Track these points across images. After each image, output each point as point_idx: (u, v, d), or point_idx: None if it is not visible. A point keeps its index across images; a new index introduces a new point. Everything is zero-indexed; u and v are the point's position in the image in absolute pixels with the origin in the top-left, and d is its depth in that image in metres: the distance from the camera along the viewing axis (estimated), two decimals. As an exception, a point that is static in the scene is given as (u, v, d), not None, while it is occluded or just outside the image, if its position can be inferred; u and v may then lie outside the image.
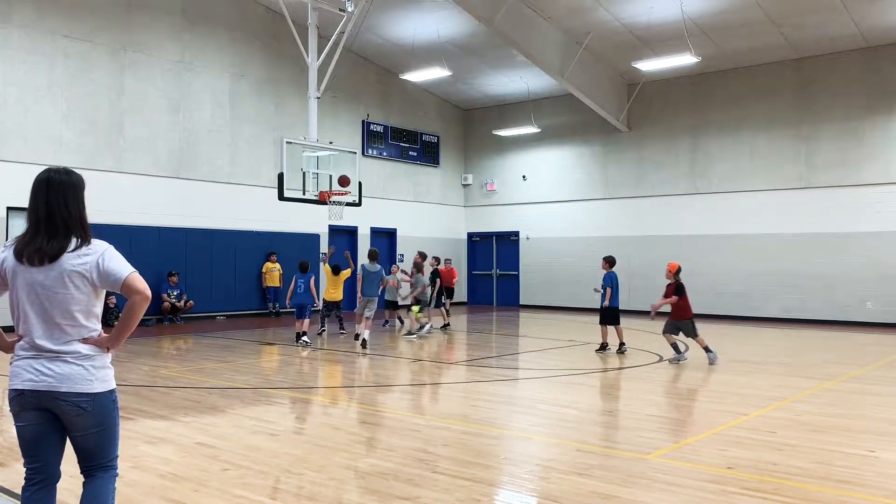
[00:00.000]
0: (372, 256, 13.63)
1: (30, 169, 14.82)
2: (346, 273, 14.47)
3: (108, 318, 15.62)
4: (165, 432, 6.36)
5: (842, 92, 17.87)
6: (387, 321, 16.39)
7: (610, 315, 12.09)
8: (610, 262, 12.37)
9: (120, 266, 3.12)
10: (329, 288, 14.40)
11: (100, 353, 3.17)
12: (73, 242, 3.10)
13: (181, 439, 6.12)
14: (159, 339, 13.94)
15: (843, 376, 9.87)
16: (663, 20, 16.60)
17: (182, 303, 16.88)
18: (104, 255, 3.12)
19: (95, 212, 16.47)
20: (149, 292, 3.14)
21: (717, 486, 4.91)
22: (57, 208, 3.12)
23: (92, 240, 3.16)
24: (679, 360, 10.85)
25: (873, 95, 17.46)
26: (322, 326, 14.54)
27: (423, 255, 15.74)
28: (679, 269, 11.39)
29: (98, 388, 3.13)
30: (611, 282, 12.13)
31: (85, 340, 3.12)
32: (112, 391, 3.22)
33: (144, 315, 11.82)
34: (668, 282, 11.32)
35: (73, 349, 3.10)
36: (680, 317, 11.05)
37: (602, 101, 20.17)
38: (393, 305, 15.95)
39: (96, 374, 3.13)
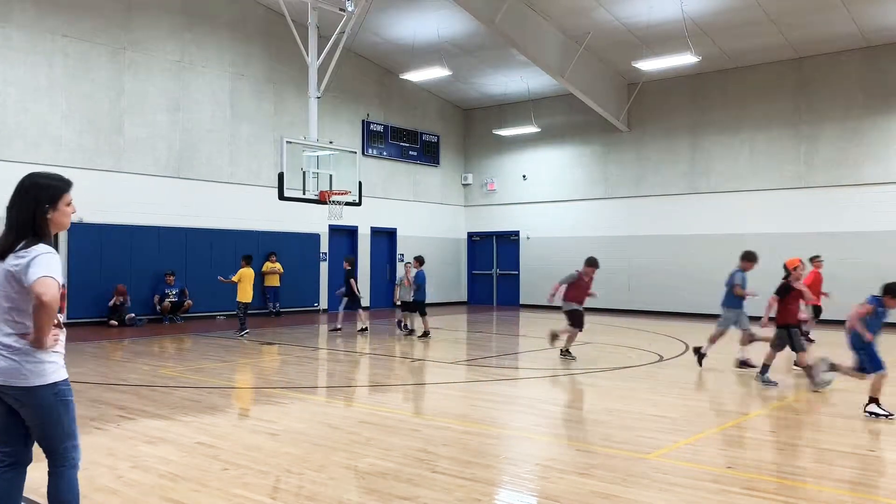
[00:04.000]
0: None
1: (29, 169, 14.79)
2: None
3: (116, 314, 15.64)
4: (165, 432, 6.36)
5: (841, 91, 17.87)
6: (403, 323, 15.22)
7: (422, 306, 14.34)
8: (420, 261, 14.66)
9: (38, 270, 3.15)
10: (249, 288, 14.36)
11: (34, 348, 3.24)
12: (21, 243, 3.24)
13: (181, 439, 6.12)
14: (160, 338, 13.94)
15: (842, 376, 9.85)
16: (663, 20, 16.60)
17: (185, 297, 16.86)
18: (34, 259, 3.19)
19: (95, 211, 16.43)
20: (47, 298, 3.09)
21: (718, 485, 4.90)
22: (10, 208, 3.32)
23: (39, 244, 3.24)
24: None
25: (873, 95, 17.45)
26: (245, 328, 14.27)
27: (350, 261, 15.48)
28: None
29: (34, 381, 3.23)
30: (422, 279, 14.40)
31: (21, 336, 3.24)
32: (53, 385, 3.29)
33: (136, 315, 11.87)
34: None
35: (6, 343, 3.24)
36: None
37: (602, 100, 20.17)
38: (405, 306, 14.99)
39: (31, 368, 3.23)
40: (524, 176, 23.63)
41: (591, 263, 11.73)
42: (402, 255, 22.50)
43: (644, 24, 17.03)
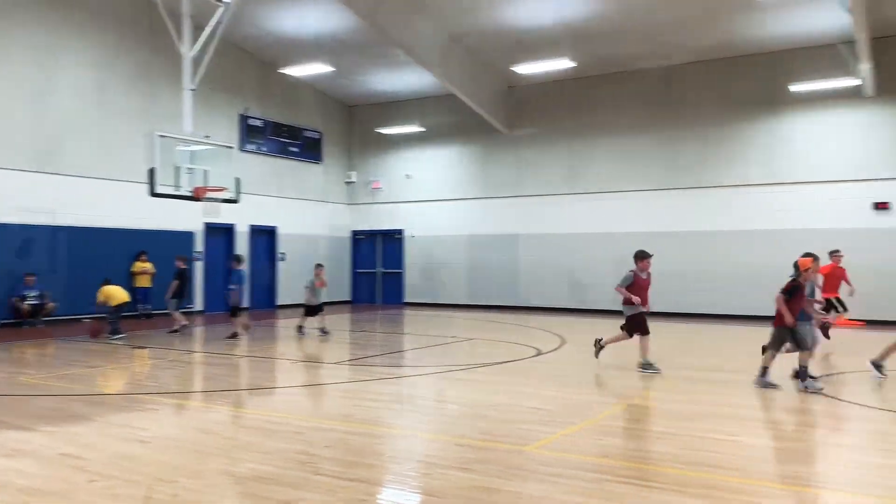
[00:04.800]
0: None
1: None
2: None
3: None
4: (25, 444, 5.93)
5: (703, 99, 19.01)
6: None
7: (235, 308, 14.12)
8: (239, 260, 14.47)
9: None
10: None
11: None
12: None
13: (43, 450, 5.72)
14: (19, 343, 12.99)
15: (705, 367, 10.47)
16: (541, 25, 17.03)
17: (46, 299, 15.81)
18: None
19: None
20: None
21: (595, 474, 5.08)
22: None
23: None
24: None
25: (729, 103, 18.66)
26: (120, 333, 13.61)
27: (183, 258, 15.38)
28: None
29: None
30: (238, 280, 14.18)
31: None
32: None
33: None
34: None
35: None
36: None
37: (482, 101, 20.49)
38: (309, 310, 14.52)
39: None
40: (407, 175, 23.67)
41: (644, 256, 10.31)
42: (284, 253, 22.04)
43: (523, 28, 17.42)
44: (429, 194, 23.26)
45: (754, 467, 5.38)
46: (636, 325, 9.99)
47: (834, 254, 13.20)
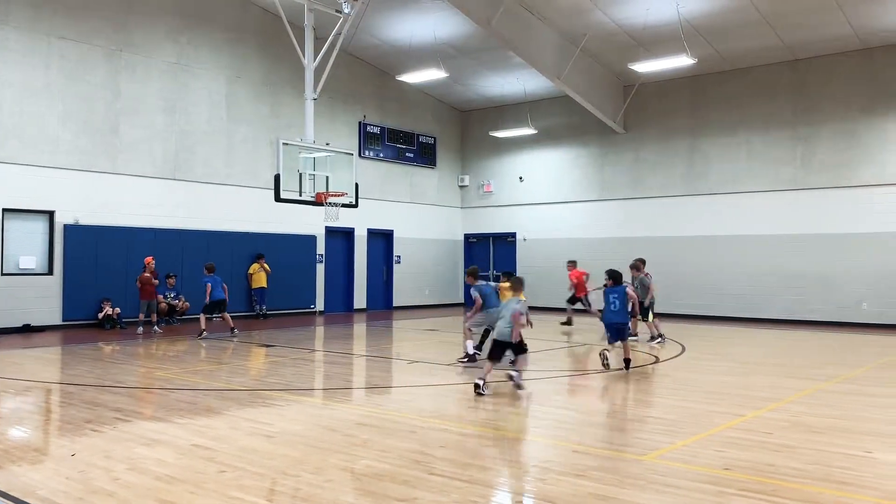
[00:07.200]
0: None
1: (26, 170, 14.84)
2: None
3: (109, 321, 15.61)
4: (161, 434, 6.34)
5: (838, 93, 17.91)
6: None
7: (208, 308, 14.51)
8: (209, 268, 14.61)
9: None
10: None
11: None
12: None
13: (177, 441, 6.10)
14: (156, 340, 13.90)
15: (840, 377, 9.87)
16: (659, 22, 16.61)
17: (179, 304, 16.89)
18: None
19: (91, 213, 16.24)
20: None
21: (715, 487, 4.90)
22: None
23: None
24: None
25: (869, 97, 17.50)
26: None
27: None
28: None
29: None
30: (206, 283, 14.35)
31: None
32: None
33: (124, 318, 11.56)
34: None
35: None
36: None
37: (598, 102, 20.18)
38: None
39: None
40: (521, 178, 23.63)
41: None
42: (399, 256, 22.49)
43: (640, 26, 17.04)
44: (542, 197, 23.12)
45: (891, 487, 5.03)
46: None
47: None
